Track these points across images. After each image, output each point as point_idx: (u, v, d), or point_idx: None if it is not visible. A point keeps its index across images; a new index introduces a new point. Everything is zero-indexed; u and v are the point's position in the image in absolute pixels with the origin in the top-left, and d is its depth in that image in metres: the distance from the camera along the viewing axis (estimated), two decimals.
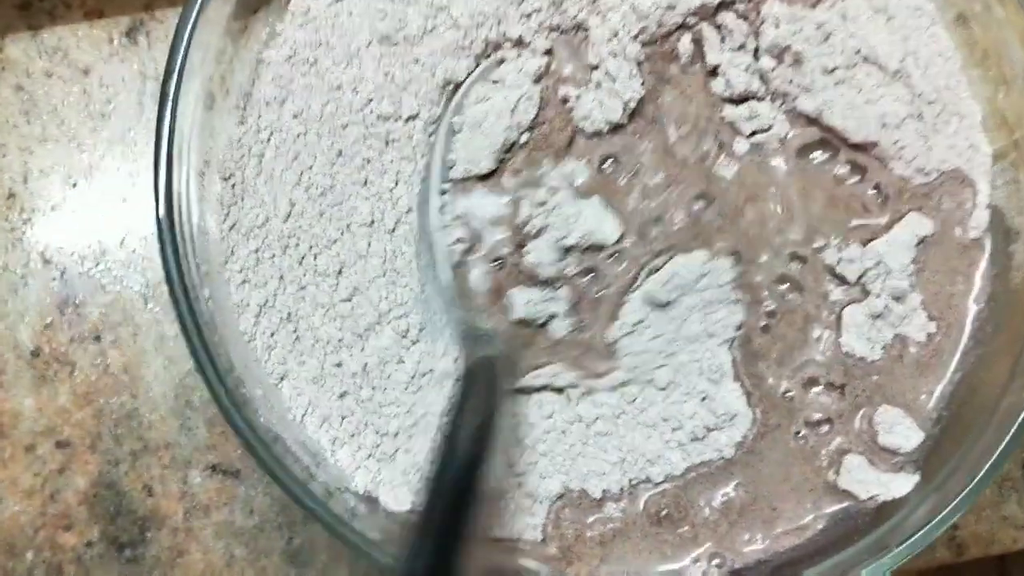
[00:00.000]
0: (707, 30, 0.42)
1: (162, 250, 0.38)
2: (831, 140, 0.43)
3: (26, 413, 0.49)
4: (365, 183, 0.42)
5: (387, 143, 0.42)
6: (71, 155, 0.51)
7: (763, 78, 0.42)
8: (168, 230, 0.37)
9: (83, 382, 0.50)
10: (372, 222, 0.42)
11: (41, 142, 0.51)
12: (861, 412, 0.41)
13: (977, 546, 0.51)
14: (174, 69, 0.39)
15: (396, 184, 0.42)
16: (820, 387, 0.42)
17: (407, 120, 0.42)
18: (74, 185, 0.51)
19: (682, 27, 0.43)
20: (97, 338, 0.50)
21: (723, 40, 0.42)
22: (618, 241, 0.41)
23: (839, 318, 0.42)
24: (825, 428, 0.41)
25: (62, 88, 0.52)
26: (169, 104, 0.39)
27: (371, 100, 0.42)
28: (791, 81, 0.42)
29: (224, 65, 0.42)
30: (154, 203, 0.38)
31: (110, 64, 0.52)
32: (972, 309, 0.42)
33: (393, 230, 0.42)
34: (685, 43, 0.43)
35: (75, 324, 0.50)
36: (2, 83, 0.52)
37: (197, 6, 0.39)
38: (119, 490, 0.49)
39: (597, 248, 0.41)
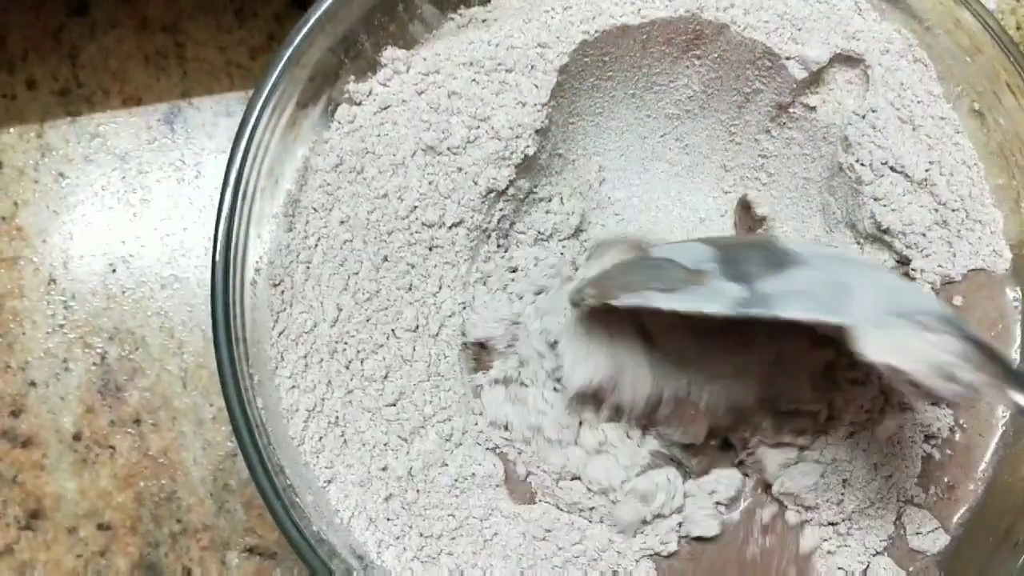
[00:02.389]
0: None
1: (219, 362, 0.39)
2: None
3: (68, 496, 0.50)
4: (410, 288, 0.43)
5: (431, 249, 0.43)
6: (110, 240, 0.52)
7: None
8: (226, 345, 0.39)
9: (123, 465, 0.51)
10: (416, 327, 0.43)
11: (81, 229, 0.52)
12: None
13: None
14: (229, 181, 0.40)
15: (440, 289, 0.43)
16: None
17: (451, 227, 0.43)
18: (113, 271, 0.52)
19: None
20: (137, 422, 0.51)
21: None
22: None
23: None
24: None
25: (101, 174, 0.53)
26: (224, 218, 0.40)
27: (416, 208, 0.43)
28: None
29: (275, 170, 0.43)
30: (211, 321, 0.39)
31: (148, 151, 0.53)
32: (998, 415, 0.43)
33: (437, 334, 0.43)
34: None
35: (115, 408, 0.51)
36: (44, 170, 0.53)
37: (256, 111, 0.41)
38: (159, 572, 0.50)
39: None
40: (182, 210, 0.53)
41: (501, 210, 0.44)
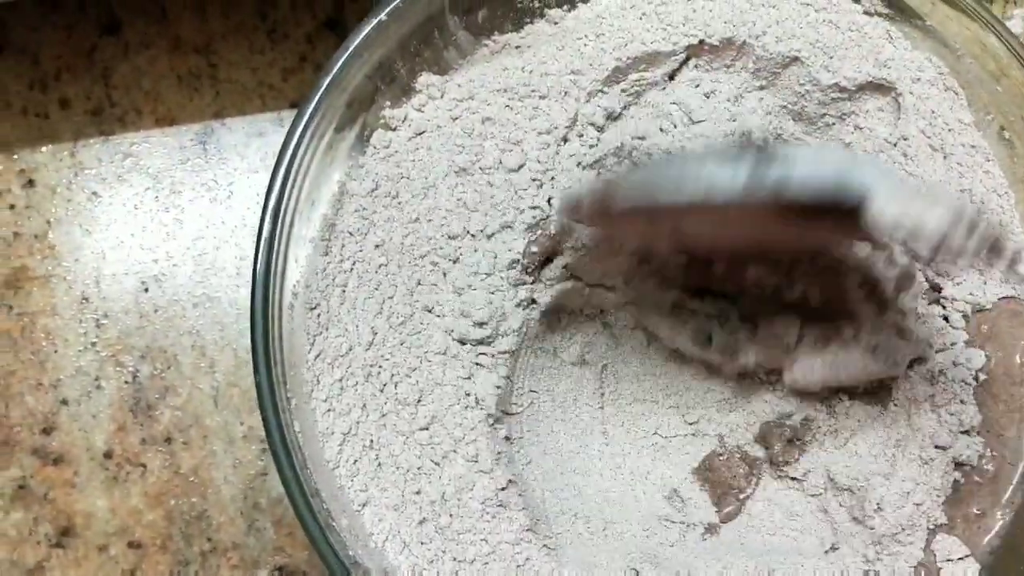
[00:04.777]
0: None
1: (258, 386, 0.39)
2: None
3: (99, 514, 0.51)
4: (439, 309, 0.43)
5: (454, 262, 0.43)
6: (143, 260, 0.53)
7: None
8: (265, 370, 0.39)
9: (154, 483, 0.51)
10: (445, 349, 0.43)
11: (113, 247, 0.53)
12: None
13: None
14: (269, 205, 0.41)
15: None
16: None
17: (473, 236, 0.43)
18: (146, 289, 0.52)
19: None
20: (168, 440, 0.51)
21: None
22: None
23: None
24: None
25: (134, 193, 0.53)
26: (264, 242, 0.40)
27: (443, 225, 0.43)
28: None
29: (312, 193, 0.43)
30: (251, 346, 0.39)
31: (181, 170, 0.54)
32: None
33: (457, 355, 0.43)
34: None
35: (147, 426, 0.51)
36: (77, 188, 0.53)
37: (297, 136, 0.41)
38: None
39: None
40: (214, 229, 0.53)
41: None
